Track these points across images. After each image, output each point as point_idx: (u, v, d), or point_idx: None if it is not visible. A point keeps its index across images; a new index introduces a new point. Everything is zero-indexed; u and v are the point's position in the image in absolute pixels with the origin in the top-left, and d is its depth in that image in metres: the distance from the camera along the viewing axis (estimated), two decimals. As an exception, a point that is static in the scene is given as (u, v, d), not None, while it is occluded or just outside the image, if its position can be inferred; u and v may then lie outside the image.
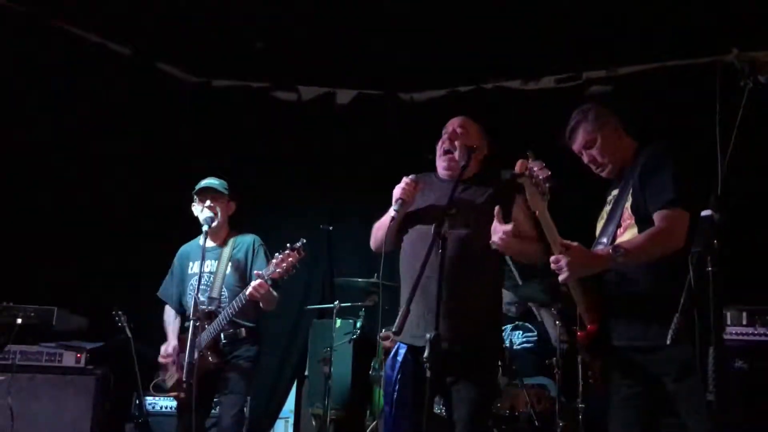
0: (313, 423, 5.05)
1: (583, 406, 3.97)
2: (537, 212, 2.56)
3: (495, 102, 5.69)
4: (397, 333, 2.62)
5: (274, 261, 3.53)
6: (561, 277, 2.55)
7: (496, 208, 2.80)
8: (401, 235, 3.12)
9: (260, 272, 3.63)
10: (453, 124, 3.22)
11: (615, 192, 2.80)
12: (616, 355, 2.64)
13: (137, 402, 4.48)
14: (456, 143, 3.14)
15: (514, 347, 4.59)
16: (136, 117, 5.35)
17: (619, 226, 2.68)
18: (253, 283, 3.62)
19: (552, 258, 2.55)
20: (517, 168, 2.49)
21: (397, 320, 2.59)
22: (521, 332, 4.77)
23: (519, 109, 5.57)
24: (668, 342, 2.00)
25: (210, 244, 4.01)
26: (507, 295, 4.84)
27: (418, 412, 2.86)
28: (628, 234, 2.62)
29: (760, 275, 4.04)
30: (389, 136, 5.71)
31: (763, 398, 3.54)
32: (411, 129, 5.56)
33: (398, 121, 5.79)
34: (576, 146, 2.86)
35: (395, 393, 2.95)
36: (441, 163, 3.18)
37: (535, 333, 4.74)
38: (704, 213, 2.05)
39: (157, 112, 5.47)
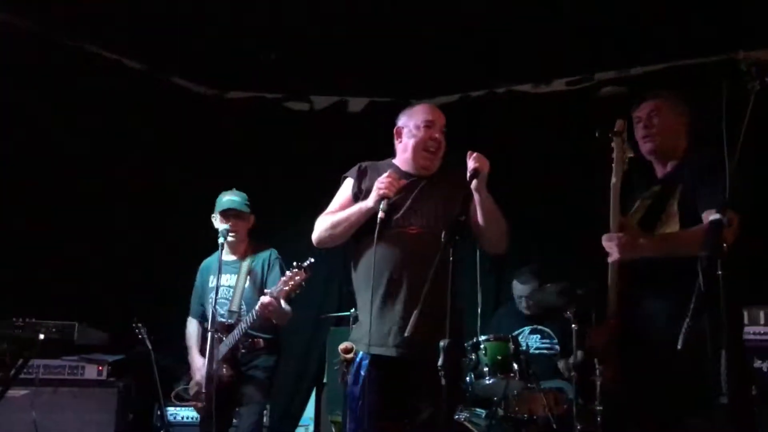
0: (333, 430, 5.07)
1: (600, 408, 3.96)
2: (613, 181, 2.54)
3: (507, 106, 5.71)
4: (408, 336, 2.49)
5: (282, 279, 3.56)
6: (611, 258, 2.57)
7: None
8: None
9: (268, 290, 3.66)
10: (441, 120, 3.06)
11: (656, 188, 2.82)
12: (641, 350, 2.63)
13: (158, 413, 4.53)
14: (442, 142, 3.03)
15: (531, 351, 4.58)
16: (153, 131, 5.42)
17: (658, 219, 2.69)
18: (263, 299, 3.64)
19: (605, 236, 2.57)
20: (618, 126, 2.47)
21: (410, 324, 2.46)
22: (538, 336, 4.76)
23: (531, 112, 5.59)
24: (679, 347, 2.01)
25: (230, 257, 4.05)
26: (519, 288, 4.84)
27: (385, 423, 2.78)
28: (667, 228, 2.65)
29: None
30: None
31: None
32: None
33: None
34: (639, 111, 2.86)
35: (359, 409, 2.82)
36: (425, 158, 3.00)
37: (555, 341, 4.72)
38: (712, 217, 2.05)
39: (174, 126, 5.53)
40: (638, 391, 2.68)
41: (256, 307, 3.67)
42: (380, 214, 2.81)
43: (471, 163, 2.78)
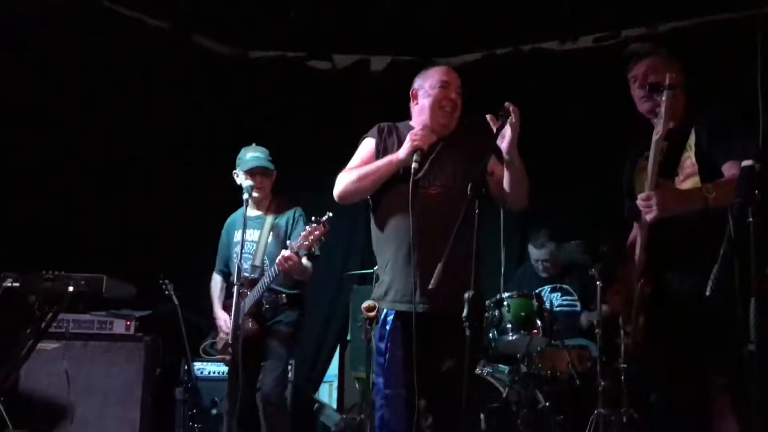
0: (357, 386, 5.14)
1: (624, 365, 3.97)
2: (655, 137, 2.55)
3: (532, 64, 5.63)
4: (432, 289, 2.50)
5: (302, 234, 3.59)
6: (649, 216, 2.55)
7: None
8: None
9: (290, 243, 3.69)
10: (456, 81, 3.06)
11: (662, 145, 2.78)
12: (670, 307, 2.64)
13: (186, 367, 4.61)
14: (458, 103, 3.04)
15: (554, 308, 4.58)
16: (175, 90, 5.43)
17: (676, 175, 2.68)
18: (283, 253, 3.67)
19: (642, 195, 2.56)
20: (669, 79, 2.52)
21: (434, 276, 2.46)
22: (560, 294, 4.76)
23: (557, 70, 5.50)
24: (708, 293, 2.00)
25: (254, 212, 4.09)
26: (536, 253, 4.84)
27: (412, 377, 2.79)
28: (689, 183, 2.63)
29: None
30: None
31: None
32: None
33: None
34: (635, 70, 2.85)
35: (386, 363, 2.88)
36: (443, 116, 3.01)
37: (575, 297, 4.72)
38: (745, 163, 2.02)
39: (195, 85, 5.54)
40: (665, 349, 2.69)
41: (277, 261, 3.70)
42: (414, 165, 2.84)
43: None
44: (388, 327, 2.90)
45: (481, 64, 5.75)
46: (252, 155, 4.07)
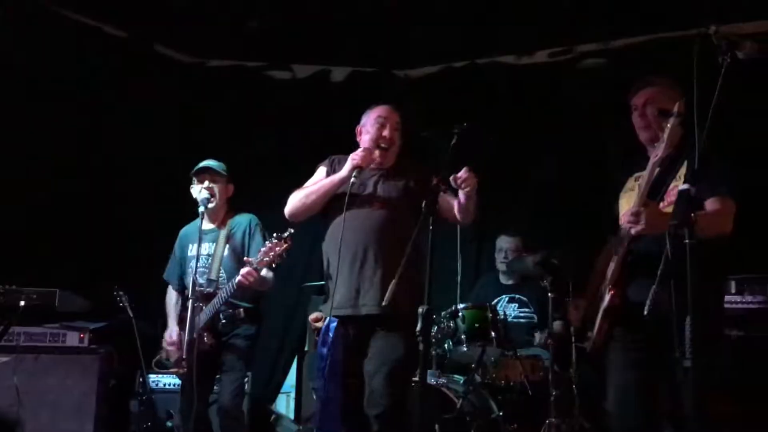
0: (314, 397, 5.13)
1: (576, 375, 4.06)
2: (654, 160, 2.66)
3: (489, 77, 5.72)
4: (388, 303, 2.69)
5: (262, 249, 3.59)
6: (635, 229, 2.65)
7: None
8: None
9: (249, 260, 3.69)
10: (393, 118, 3.33)
11: (656, 170, 2.86)
12: (630, 319, 2.71)
13: (141, 380, 4.58)
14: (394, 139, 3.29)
15: (509, 319, 4.65)
16: (134, 99, 5.38)
17: (662, 200, 2.76)
18: (242, 271, 3.67)
19: (633, 209, 2.66)
20: (678, 107, 2.62)
21: (388, 292, 2.67)
22: (516, 305, 4.83)
23: (513, 83, 5.60)
24: (645, 312, 2.08)
25: (209, 225, 4.05)
26: (502, 239, 4.97)
27: (350, 381, 3.05)
28: (669, 209, 2.66)
29: (751, 244, 4.09)
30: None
31: (753, 365, 3.66)
32: (406, 106, 5.58)
33: (393, 98, 5.80)
34: (637, 98, 2.93)
35: (327, 368, 3.06)
36: (379, 154, 3.27)
37: (532, 309, 4.79)
38: (681, 187, 2.10)
39: (154, 94, 5.49)
40: (621, 357, 2.78)
41: (237, 278, 3.69)
42: (352, 179, 3.12)
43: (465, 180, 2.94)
44: (331, 334, 3.08)
45: (439, 77, 5.83)
46: (205, 162, 4.09)
